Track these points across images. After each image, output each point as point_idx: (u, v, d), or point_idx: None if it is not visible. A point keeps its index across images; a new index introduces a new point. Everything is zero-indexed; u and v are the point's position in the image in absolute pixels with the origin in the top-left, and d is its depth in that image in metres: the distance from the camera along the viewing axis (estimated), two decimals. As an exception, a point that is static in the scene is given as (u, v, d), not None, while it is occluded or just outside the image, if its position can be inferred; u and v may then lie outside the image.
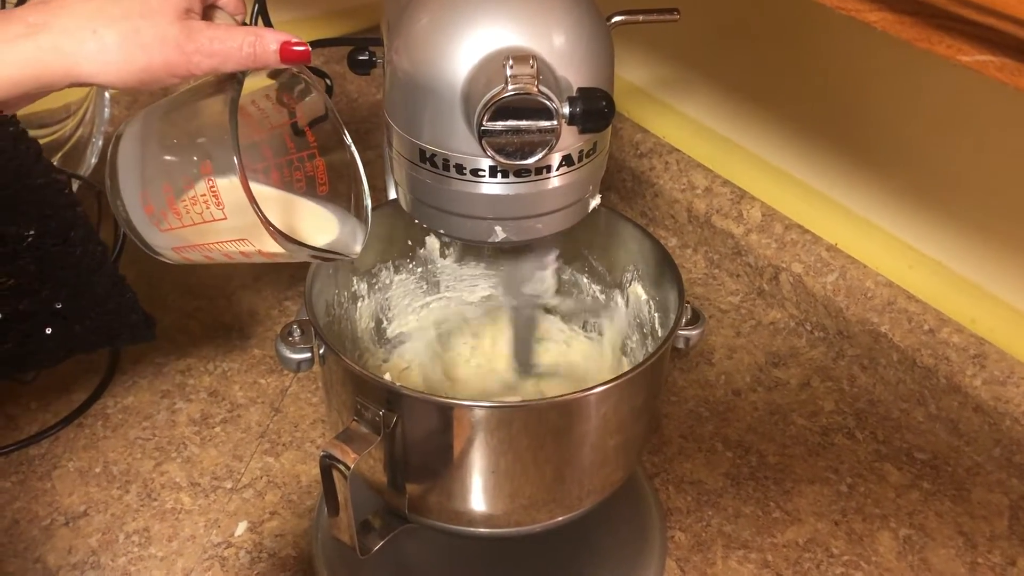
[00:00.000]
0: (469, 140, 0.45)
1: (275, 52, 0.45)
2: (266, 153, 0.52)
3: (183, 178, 0.47)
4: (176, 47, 0.44)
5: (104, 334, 0.67)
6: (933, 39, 0.38)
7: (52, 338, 0.65)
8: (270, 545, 0.66)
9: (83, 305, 0.64)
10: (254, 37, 0.45)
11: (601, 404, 0.51)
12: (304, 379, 0.79)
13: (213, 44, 0.45)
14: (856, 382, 0.80)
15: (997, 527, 0.68)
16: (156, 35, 0.44)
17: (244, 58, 0.45)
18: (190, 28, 0.44)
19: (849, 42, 0.78)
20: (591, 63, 0.46)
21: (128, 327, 0.68)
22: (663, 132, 0.97)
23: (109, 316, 0.65)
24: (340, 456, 0.49)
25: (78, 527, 0.67)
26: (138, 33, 0.44)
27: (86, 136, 0.92)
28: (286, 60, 0.46)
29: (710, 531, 0.68)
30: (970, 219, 0.75)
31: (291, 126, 0.52)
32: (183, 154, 0.49)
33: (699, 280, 0.91)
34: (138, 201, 0.50)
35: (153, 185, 0.49)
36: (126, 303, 0.66)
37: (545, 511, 0.55)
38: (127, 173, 0.49)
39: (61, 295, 0.63)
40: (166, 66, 0.45)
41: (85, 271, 0.63)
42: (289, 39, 0.46)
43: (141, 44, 0.44)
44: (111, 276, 0.64)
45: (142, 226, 0.50)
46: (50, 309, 0.63)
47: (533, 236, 0.50)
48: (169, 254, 0.52)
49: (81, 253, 0.62)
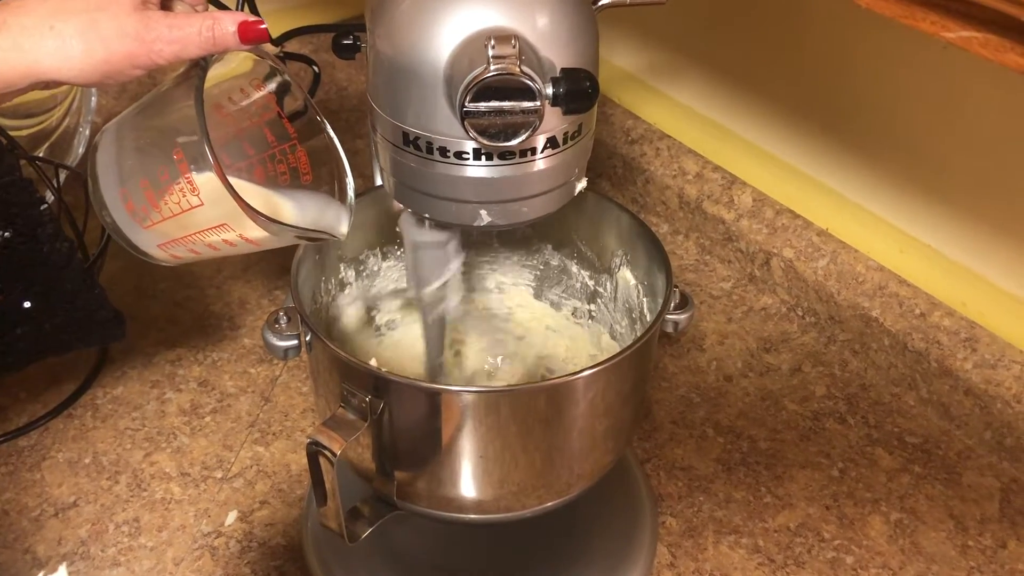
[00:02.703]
0: (452, 122, 0.44)
1: (234, 34, 0.45)
2: (248, 150, 0.52)
3: (159, 170, 0.48)
4: (136, 37, 0.44)
5: (74, 333, 0.67)
6: (917, 15, 0.38)
7: (22, 338, 0.65)
8: (260, 534, 0.66)
9: (52, 303, 0.64)
10: (211, 21, 0.45)
11: (589, 388, 0.51)
12: (294, 368, 0.79)
13: (172, 31, 0.45)
14: (847, 367, 0.80)
15: (988, 510, 0.68)
16: (114, 27, 0.44)
17: (204, 42, 0.45)
18: (148, 17, 0.45)
19: (839, 26, 0.78)
20: (575, 44, 0.45)
21: (98, 324, 0.67)
22: (654, 118, 0.97)
23: (79, 313, 0.65)
24: (327, 443, 0.48)
25: (68, 518, 0.67)
26: (96, 26, 0.44)
27: (73, 126, 0.92)
28: (246, 40, 0.45)
29: (701, 516, 0.68)
30: (961, 203, 0.75)
31: (269, 120, 0.52)
32: (156, 147, 0.49)
33: (690, 266, 0.90)
34: (119, 200, 0.50)
35: (131, 182, 0.49)
36: (95, 299, 0.66)
37: (535, 496, 0.55)
38: (106, 176, 0.50)
39: (29, 294, 0.63)
40: (127, 57, 0.45)
41: (53, 268, 0.63)
42: (247, 19, 0.45)
43: (100, 37, 0.44)
44: (79, 273, 0.64)
45: (126, 226, 0.51)
46: (18, 309, 0.63)
47: (519, 220, 0.50)
48: (156, 252, 0.52)
49: (48, 251, 0.62)
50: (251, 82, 0.51)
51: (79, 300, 0.64)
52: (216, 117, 0.50)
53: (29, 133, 0.85)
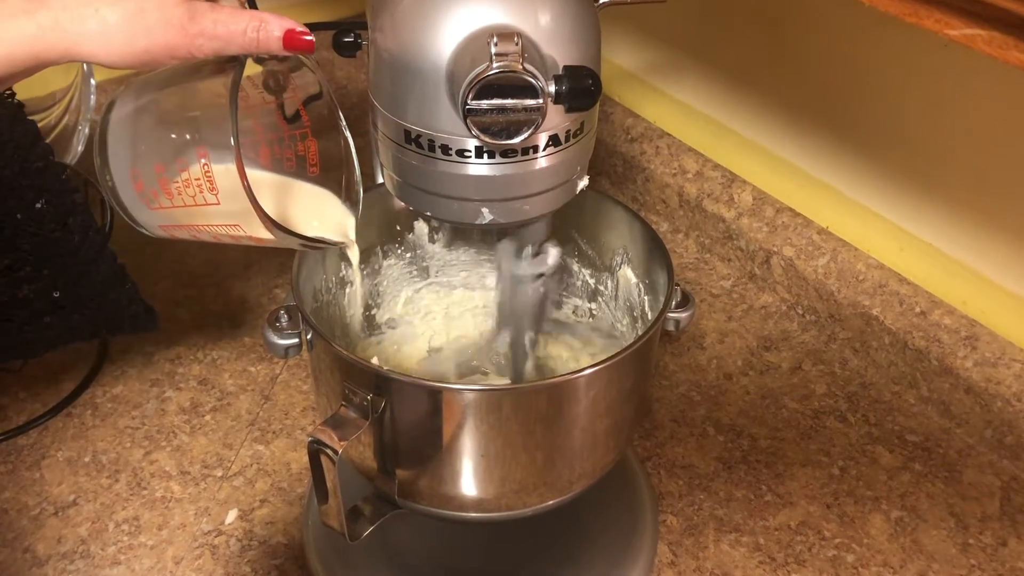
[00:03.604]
0: (454, 120, 0.44)
1: (279, 39, 0.45)
2: (255, 128, 0.51)
3: (177, 159, 0.47)
4: (179, 29, 0.43)
5: (104, 324, 0.66)
6: (921, 13, 0.37)
7: (50, 327, 0.64)
8: (260, 533, 0.66)
9: (81, 294, 0.63)
10: (259, 22, 0.44)
11: (591, 386, 0.51)
12: (294, 367, 0.79)
13: (217, 27, 0.44)
14: (848, 365, 0.80)
15: (988, 508, 0.68)
16: (160, 16, 0.43)
17: (247, 43, 0.44)
18: (194, 10, 0.44)
19: (840, 24, 0.77)
20: (577, 41, 0.45)
21: (129, 318, 0.67)
22: (654, 117, 0.97)
23: (109, 306, 0.64)
24: (328, 441, 0.48)
25: (67, 516, 0.67)
26: (142, 13, 0.43)
27: (72, 124, 0.91)
28: (290, 48, 0.45)
29: (702, 515, 0.68)
30: (961, 201, 0.75)
31: (283, 104, 0.52)
32: (178, 134, 0.48)
33: (690, 265, 0.90)
34: (128, 177, 0.48)
35: (145, 162, 0.48)
36: (126, 293, 0.65)
37: (536, 495, 0.55)
38: (117, 146, 0.48)
39: (59, 283, 0.62)
40: (167, 48, 0.44)
41: (84, 259, 0.62)
42: (294, 27, 0.45)
43: (145, 25, 0.43)
44: (111, 265, 0.63)
45: (131, 203, 0.49)
46: (48, 297, 0.62)
47: (521, 218, 0.50)
48: (156, 231, 0.51)
49: (79, 240, 0.61)
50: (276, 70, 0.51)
51: (110, 293, 0.63)
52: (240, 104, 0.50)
53: (28, 131, 0.85)
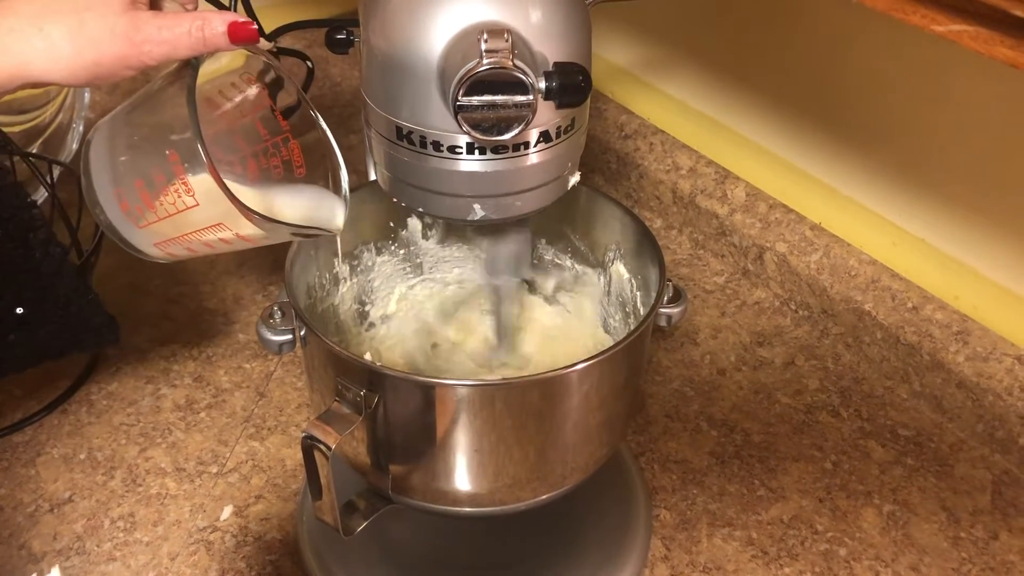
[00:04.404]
0: (446, 116, 0.45)
1: (223, 34, 0.45)
2: (239, 144, 0.52)
3: (152, 170, 0.47)
4: (125, 38, 0.44)
5: (68, 339, 0.66)
6: (907, 9, 0.38)
7: (16, 344, 0.64)
8: (256, 529, 0.66)
9: (45, 309, 0.63)
10: (201, 21, 0.45)
11: (583, 381, 0.51)
12: (289, 363, 0.79)
13: (161, 32, 0.44)
14: (840, 360, 0.80)
15: (980, 502, 0.69)
16: (104, 27, 0.44)
17: (194, 42, 0.45)
18: (137, 18, 0.44)
19: (831, 20, 0.78)
20: (568, 38, 0.45)
21: (92, 330, 0.67)
22: (647, 113, 0.97)
23: (72, 319, 0.64)
24: (321, 437, 0.48)
25: (63, 513, 0.67)
26: (85, 27, 0.44)
27: (66, 122, 0.91)
28: (236, 40, 0.45)
29: (695, 509, 0.68)
30: (953, 196, 0.75)
31: (262, 114, 0.52)
32: (150, 147, 0.49)
33: (684, 261, 0.91)
34: (113, 200, 0.50)
35: (125, 181, 0.49)
36: (89, 305, 0.65)
37: (529, 489, 0.55)
38: (99, 175, 0.50)
39: (22, 300, 0.62)
40: (117, 59, 0.44)
41: (46, 274, 0.62)
42: (236, 19, 0.45)
43: (89, 38, 0.44)
44: (72, 278, 0.64)
45: (121, 226, 0.50)
46: (11, 315, 0.62)
47: (512, 214, 0.50)
48: (153, 251, 0.52)
49: (41, 256, 0.61)
50: (244, 77, 0.51)
51: (73, 306, 0.64)
52: (209, 113, 0.50)
53: (22, 129, 0.85)
